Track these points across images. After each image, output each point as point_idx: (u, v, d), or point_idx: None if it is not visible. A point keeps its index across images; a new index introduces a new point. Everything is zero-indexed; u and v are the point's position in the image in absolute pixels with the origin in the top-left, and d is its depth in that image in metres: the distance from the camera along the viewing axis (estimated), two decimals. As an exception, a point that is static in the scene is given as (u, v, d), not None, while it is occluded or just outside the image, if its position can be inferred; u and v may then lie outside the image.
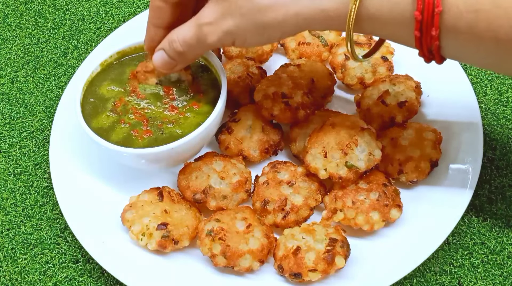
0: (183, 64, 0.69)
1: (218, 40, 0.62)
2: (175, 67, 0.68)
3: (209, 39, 0.62)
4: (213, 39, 0.62)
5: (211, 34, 0.62)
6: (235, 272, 0.66)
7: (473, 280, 0.68)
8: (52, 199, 0.79)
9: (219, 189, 0.70)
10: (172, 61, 0.67)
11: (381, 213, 0.66)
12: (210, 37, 0.62)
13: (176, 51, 0.65)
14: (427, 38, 0.55)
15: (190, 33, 0.63)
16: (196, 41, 0.63)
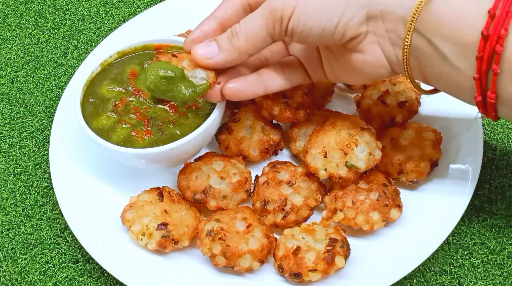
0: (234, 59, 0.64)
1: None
2: (223, 61, 0.64)
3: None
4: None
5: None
6: (235, 272, 0.66)
7: (473, 280, 0.68)
8: (52, 199, 0.79)
9: (219, 189, 0.70)
10: (225, 53, 0.63)
11: (381, 213, 0.66)
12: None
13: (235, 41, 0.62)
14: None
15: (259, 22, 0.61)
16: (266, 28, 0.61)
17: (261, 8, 0.61)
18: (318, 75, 0.69)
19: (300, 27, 0.59)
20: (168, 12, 0.93)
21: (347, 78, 0.67)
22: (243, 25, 0.62)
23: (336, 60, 0.65)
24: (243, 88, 0.66)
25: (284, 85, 0.68)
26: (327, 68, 0.68)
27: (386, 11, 0.58)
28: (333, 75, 0.68)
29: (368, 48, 0.61)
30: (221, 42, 0.63)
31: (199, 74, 0.64)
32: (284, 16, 0.59)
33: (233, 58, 0.63)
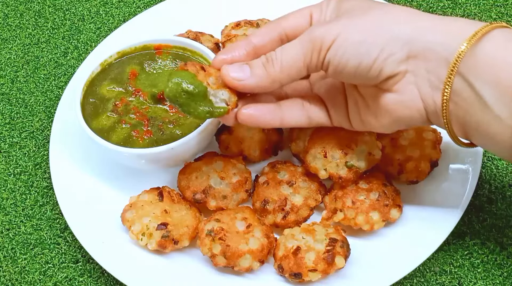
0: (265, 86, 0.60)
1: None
2: (252, 85, 0.60)
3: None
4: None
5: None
6: (235, 272, 0.66)
7: (473, 280, 0.68)
8: (52, 199, 0.79)
9: (219, 189, 0.70)
10: (256, 78, 0.59)
11: (381, 213, 0.66)
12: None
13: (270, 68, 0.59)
14: None
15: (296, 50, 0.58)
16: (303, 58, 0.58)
17: (300, 37, 0.58)
18: (340, 119, 0.65)
19: (337, 59, 0.57)
20: (168, 12, 0.93)
21: (376, 123, 0.61)
22: (280, 52, 0.59)
23: (365, 103, 0.61)
24: (259, 115, 0.62)
25: (302, 121, 0.64)
26: (352, 113, 0.63)
27: (429, 50, 0.55)
28: (359, 121, 0.63)
29: (405, 89, 0.57)
30: (254, 67, 0.60)
31: (221, 95, 0.61)
32: (323, 46, 0.57)
33: (265, 85, 0.59)
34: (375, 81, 0.58)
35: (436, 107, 0.56)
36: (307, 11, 0.63)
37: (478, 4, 0.96)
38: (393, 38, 0.55)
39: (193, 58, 0.78)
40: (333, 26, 0.57)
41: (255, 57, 0.61)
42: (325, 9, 0.62)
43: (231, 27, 0.88)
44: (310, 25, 0.62)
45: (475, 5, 0.96)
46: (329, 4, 0.62)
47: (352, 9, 0.59)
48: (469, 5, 0.96)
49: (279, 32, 0.62)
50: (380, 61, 0.56)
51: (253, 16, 0.90)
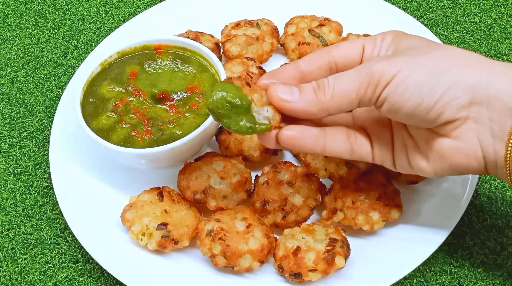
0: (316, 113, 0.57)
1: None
2: (300, 110, 0.57)
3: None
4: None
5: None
6: (235, 272, 0.66)
7: (473, 280, 0.68)
8: (52, 199, 0.79)
9: (219, 189, 0.70)
10: (305, 103, 0.56)
11: (381, 213, 0.66)
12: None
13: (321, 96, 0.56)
14: None
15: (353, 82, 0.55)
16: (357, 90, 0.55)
17: (357, 68, 0.55)
18: (384, 158, 0.61)
19: (395, 97, 0.53)
20: (168, 12, 0.93)
21: (427, 167, 0.58)
22: (333, 80, 0.56)
23: (415, 145, 0.58)
24: (302, 138, 0.57)
25: (344, 153, 0.60)
26: (399, 154, 0.60)
27: (494, 98, 0.52)
28: (405, 163, 0.60)
29: (464, 136, 0.54)
30: (304, 91, 0.56)
31: (265, 112, 0.57)
32: (382, 81, 0.54)
33: (312, 111, 0.56)
34: (432, 124, 0.55)
35: (497, 157, 0.54)
36: (359, 43, 0.60)
37: (478, 4, 0.96)
38: (458, 82, 0.53)
39: (193, 58, 0.78)
40: (394, 62, 0.54)
41: (301, 83, 0.58)
42: (379, 44, 0.60)
43: (231, 27, 0.88)
44: (362, 57, 0.60)
45: (475, 5, 0.96)
46: (385, 39, 0.59)
47: (413, 47, 0.57)
48: (469, 5, 0.96)
49: (328, 60, 0.60)
50: (442, 104, 0.53)
51: (253, 16, 0.90)
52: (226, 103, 0.56)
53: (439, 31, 0.93)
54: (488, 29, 0.93)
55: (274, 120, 0.57)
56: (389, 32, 0.60)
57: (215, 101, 0.56)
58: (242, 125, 0.57)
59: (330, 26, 0.86)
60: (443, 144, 0.56)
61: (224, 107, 0.56)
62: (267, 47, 0.86)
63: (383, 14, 0.89)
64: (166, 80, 0.76)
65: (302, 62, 0.60)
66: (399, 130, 0.60)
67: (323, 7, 0.90)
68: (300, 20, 0.87)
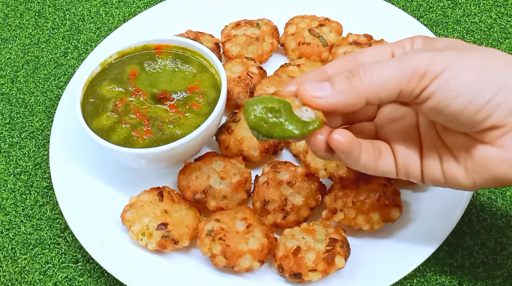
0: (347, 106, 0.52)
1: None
2: (334, 104, 0.52)
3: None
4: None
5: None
6: (235, 272, 0.66)
7: (473, 280, 0.68)
8: (52, 199, 0.79)
9: (219, 189, 0.70)
10: (340, 96, 0.51)
11: (381, 213, 0.66)
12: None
13: (356, 85, 0.51)
14: None
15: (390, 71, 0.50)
16: (397, 81, 0.50)
17: (398, 57, 0.51)
18: (410, 172, 0.56)
19: (444, 93, 0.49)
20: (168, 12, 0.93)
21: (464, 179, 0.54)
22: (370, 67, 0.51)
23: (452, 155, 0.54)
24: (352, 145, 0.53)
25: (371, 168, 0.56)
26: (430, 165, 0.55)
27: None
28: (438, 174, 0.55)
29: (511, 145, 0.50)
30: (336, 82, 0.52)
31: (305, 112, 0.52)
32: (429, 73, 0.49)
33: (349, 101, 0.51)
34: (475, 127, 0.51)
35: None
36: (387, 49, 0.56)
37: (478, 4, 0.96)
38: (509, 84, 0.49)
39: (193, 58, 0.78)
40: (441, 56, 0.50)
41: None
42: (409, 48, 0.56)
43: (231, 27, 0.88)
44: None
45: (475, 5, 0.96)
46: (414, 42, 0.56)
47: (452, 46, 0.53)
48: (469, 5, 0.96)
49: (356, 65, 0.55)
50: (492, 105, 0.49)
51: (253, 16, 0.90)
52: (268, 111, 0.51)
53: (439, 31, 0.93)
54: (488, 29, 0.93)
55: (318, 117, 0.52)
56: (417, 37, 0.57)
57: (256, 115, 0.51)
58: (292, 130, 0.52)
59: (330, 26, 0.86)
60: (486, 152, 0.51)
61: (268, 117, 0.51)
62: (267, 47, 0.86)
63: (383, 14, 0.89)
64: (166, 80, 0.76)
65: (328, 68, 0.56)
66: (432, 139, 0.56)
67: (323, 7, 0.90)
68: (300, 20, 0.87)
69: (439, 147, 0.55)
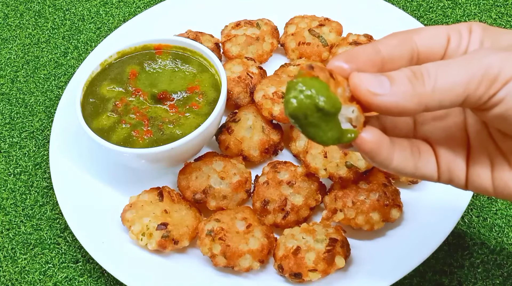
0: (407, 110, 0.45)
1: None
2: (392, 106, 0.45)
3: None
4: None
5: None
6: (235, 272, 0.66)
7: (473, 280, 0.68)
8: (52, 199, 0.79)
9: (219, 189, 0.70)
10: (401, 98, 0.45)
11: (381, 213, 0.66)
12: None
13: (419, 88, 0.45)
14: None
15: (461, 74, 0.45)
16: (464, 87, 0.44)
17: (465, 58, 0.46)
18: (452, 178, 0.50)
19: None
20: (168, 12, 0.93)
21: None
22: (435, 69, 0.45)
23: (508, 163, 0.49)
24: (380, 147, 0.47)
25: (407, 170, 0.49)
26: (479, 173, 0.50)
27: None
28: (486, 183, 0.50)
29: None
30: (397, 81, 0.45)
31: (348, 112, 0.45)
32: (500, 77, 0.44)
33: (407, 106, 0.45)
34: None
35: None
36: (444, 32, 0.50)
37: (478, 4, 0.96)
38: None
39: (193, 58, 0.78)
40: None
41: (381, 71, 0.48)
42: (466, 36, 0.50)
43: (231, 27, 0.88)
44: (446, 50, 0.50)
45: (475, 5, 0.96)
46: (472, 31, 0.50)
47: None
48: (469, 5, 0.96)
49: (411, 47, 0.49)
50: None
51: (253, 16, 0.90)
52: (317, 109, 0.43)
53: (439, 31, 0.93)
54: (488, 29, 0.93)
55: (358, 123, 0.46)
56: (474, 24, 0.50)
57: (303, 106, 0.43)
58: (330, 135, 0.45)
59: (330, 26, 0.86)
60: None
61: (313, 115, 0.43)
62: (267, 47, 0.86)
63: (383, 14, 0.89)
64: (166, 80, 0.76)
65: (382, 46, 0.49)
66: (483, 142, 0.50)
67: (323, 7, 0.90)
68: (300, 20, 0.87)
69: (492, 152, 0.50)
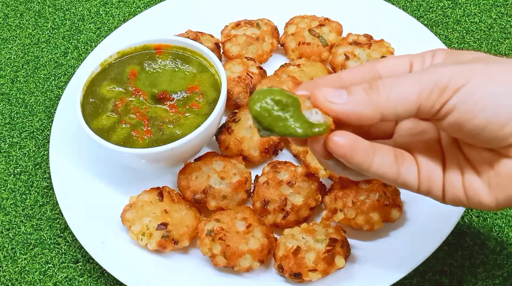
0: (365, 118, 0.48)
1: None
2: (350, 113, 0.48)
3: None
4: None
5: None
6: (235, 272, 0.66)
7: (473, 280, 0.68)
8: (52, 199, 0.79)
9: (219, 189, 0.70)
10: (358, 106, 0.48)
11: (381, 213, 0.66)
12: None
13: (374, 98, 0.48)
14: None
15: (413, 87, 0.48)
16: (416, 97, 0.47)
17: (420, 71, 0.49)
18: (431, 188, 0.52)
19: (466, 106, 0.46)
20: (168, 12, 0.93)
21: (487, 197, 0.50)
22: (390, 81, 0.48)
23: (475, 172, 0.51)
24: (355, 149, 0.49)
25: (390, 175, 0.51)
26: (452, 183, 0.51)
27: None
28: (459, 193, 0.51)
29: None
30: (354, 92, 0.49)
31: (315, 115, 0.49)
32: (450, 86, 0.46)
33: (363, 113, 0.48)
34: (501, 143, 0.48)
35: None
36: (407, 60, 0.54)
37: (478, 4, 0.96)
38: None
39: (193, 58, 0.78)
40: (465, 68, 0.48)
41: None
42: (429, 61, 0.53)
43: (231, 27, 0.88)
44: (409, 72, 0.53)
45: (475, 5, 0.96)
46: (435, 55, 0.53)
47: (478, 58, 0.50)
48: (469, 5, 0.96)
49: (373, 74, 0.53)
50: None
51: (253, 16, 0.90)
52: (274, 103, 0.49)
53: (439, 31, 0.93)
54: (488, 29, 0.93)
55: (327, 122, 0.49)
56: (439, 50, 0.54)
57: (262, 106, 0.49)
58: (298, 126, 0.49)
59: (330, 26, 0.86)
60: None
61: (272, 110, 0.49)
62: (267, 47, 0.86)
63: (383, 14, 0.89)
64: (166, 80, 0.76)
65: (344, 74, 0.53)
66: (454, 154, 0.52)
67: (323, 7, 0.90)
68: (300, 20, 0.87)
69: (462, 162, 0.52)
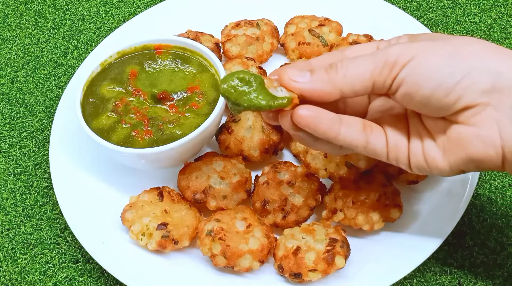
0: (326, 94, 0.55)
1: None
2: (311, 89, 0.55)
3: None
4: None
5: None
6: (235, 272, 0.66)
7: (473, 280, 0.68)
8: (52, 199, 0.79)
9: (219, 189, 0.70)
10: (317, 84, 0.54)
11: (381, 213, 0.66)
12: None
13: (332, 78, 0.54)
14: None
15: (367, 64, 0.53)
16: (370, 74, 0.53)
17: (374, 52, 0.55)
18: (399, 157, 0.57)
19: (414, 77, 0.52)
20: (168, 12, 0.93)
21: (442, 162, 0.55)
22: (346, 62, 0.54)
23: (431, 138, 0.56)
24: (318, 118, 0.54)
25: (359, 143, 0.56)
26: (415, 152, 0.56)
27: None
28: (421, 160, 0.56)
29: (484, 123, 0.52)
30: (315, 71, 0.55)
31: (280, 91, 0.55)
32: (398, 62, 0.52)
33: (323, 90, 0.54)
34: (449, 110, 0.53)
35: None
36: (374, 45, 0.59)
37: (478, 4, 0.96)
38: (480, 66, 0.51)
39: (193, 58, 0.78)
40: (412, 45, 0.53)
41: None
42: (394, 43, 0.58)
43: (231, 27, 0.88)
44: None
45: (475, 5, 0.96)
46: (399, 39, 0.58)
47: (431, 37, 0.56)
48: (469, 5, 0.96)
49: (341, 59, 0.56)
50: (462, 86, 0.51)
51: (253, 16, 0.90)
52: (239, 81, 0.55)
53: (439, 31, 0.93)
54: (488, 29, 0.93)
55: (291, 96, 0.55)
56: (404, 35, 0.59)
57: (229, 84, 0.55)
58: (262, 99, 0.54)
59: (330, 26, 0.86)
60: (461, 131, 0.53)
61: (237, 85, 0.55)
62: (267, 47, 0.86)
63: (383, 14, 0.89)
64: (166, 80, 0.76)
65: (314, 60, 0.59)
66: (416, 125, 0.57)
67: (323, 7, 0.90)
68: (300, 20, 0.87)
69: (422, 132, 0.57)
